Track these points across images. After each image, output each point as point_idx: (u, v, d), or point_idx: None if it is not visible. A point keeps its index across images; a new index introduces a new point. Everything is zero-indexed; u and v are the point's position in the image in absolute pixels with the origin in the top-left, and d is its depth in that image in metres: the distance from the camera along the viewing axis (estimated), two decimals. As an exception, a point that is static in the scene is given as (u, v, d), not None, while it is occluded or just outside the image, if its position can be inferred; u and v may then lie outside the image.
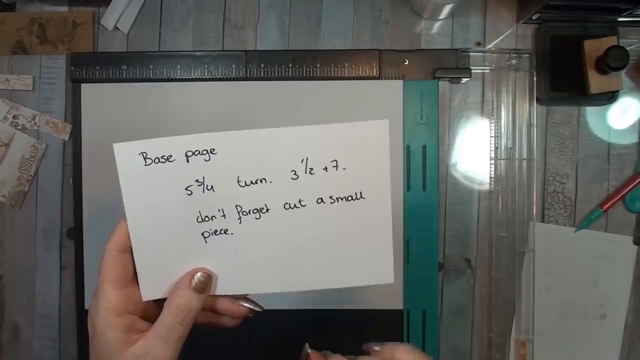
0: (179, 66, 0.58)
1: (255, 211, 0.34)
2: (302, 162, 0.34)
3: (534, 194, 0.58)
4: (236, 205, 0.34)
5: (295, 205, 0.34)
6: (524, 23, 0.59)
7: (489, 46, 0.59)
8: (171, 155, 0.33)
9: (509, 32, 0.59)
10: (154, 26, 0.60)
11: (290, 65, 0.58)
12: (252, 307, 0.38)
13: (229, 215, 0.34)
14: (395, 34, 0.60)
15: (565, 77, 0.57)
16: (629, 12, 0.54)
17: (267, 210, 0.34)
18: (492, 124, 0.59)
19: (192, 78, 0.58)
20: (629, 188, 0.58)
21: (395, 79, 0.58)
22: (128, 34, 0.60)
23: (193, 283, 0.35)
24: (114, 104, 0.58)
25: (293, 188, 0.34)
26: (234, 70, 0.58)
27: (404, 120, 0.57)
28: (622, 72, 0.55)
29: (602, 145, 0.59)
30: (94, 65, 0.58)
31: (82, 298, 0.57)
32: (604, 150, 0.59)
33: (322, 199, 0.34)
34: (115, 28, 0.60)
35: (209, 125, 0.57)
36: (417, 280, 0.57)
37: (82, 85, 0.58)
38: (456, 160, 0.59)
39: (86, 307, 0.57)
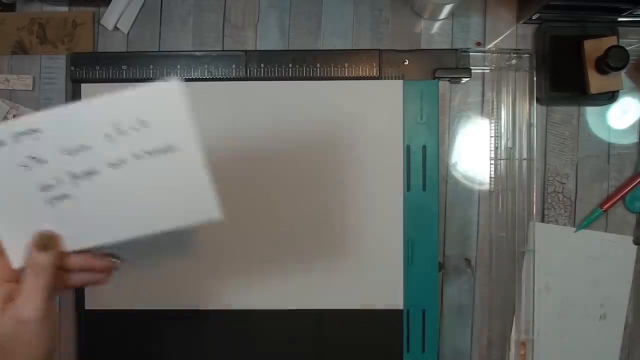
0: (179, 66, 0.58)
1: (85, 174, 0.39)
2: (113, 126, 0.38)
3: (534, 194, 0.58)
4: (68, 172, 0.39)
5: (116, 164, 0.39)
6: (524, 23, 0.59)
7: (489, 46, 0.59)
8: (3, 141, 0.38)
9: (509, 32, 0.59)
10: (154, 26, 0.60)
11: (290, 65, 0.58)
12: (112, 258, 0.42)
13: (65, 181, 0.39)
14: (395, 34, 0.60)
15: (565, 77, 0.57)
16: (629, 12, 0.54)
17: (95, 172, 0.39)
18: (492, 124, 0.59)
19: (192, 78, 0.58)
20: (629, 188, 0.58)
21: (395, 79, 0.58)
22: (128, 34, 0.60)
23: (36, 243, 0.39)
24: (113, 103, 0.58)
25: (110, 149, 0.38)
26: (234, 70, 0.58)
27: (404, 120, 0.57)
28: (622, 72, 0.55)
29: (602, 145, 0.59)
30: (94, 65, 0.58)
31: (82, 298, 0.57)
32: (604, 150, 0.59)
33: (138, 154, 0.39)
34: (115, 28, 0.60)
35: (208, 125, 0.57)
36: (417, 280, 0.57)
37: (82, 85, 0.58)
38: (456, 160, 0.59)
39: (86, 307, 0.58)
